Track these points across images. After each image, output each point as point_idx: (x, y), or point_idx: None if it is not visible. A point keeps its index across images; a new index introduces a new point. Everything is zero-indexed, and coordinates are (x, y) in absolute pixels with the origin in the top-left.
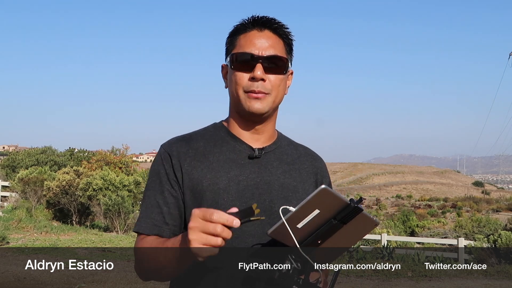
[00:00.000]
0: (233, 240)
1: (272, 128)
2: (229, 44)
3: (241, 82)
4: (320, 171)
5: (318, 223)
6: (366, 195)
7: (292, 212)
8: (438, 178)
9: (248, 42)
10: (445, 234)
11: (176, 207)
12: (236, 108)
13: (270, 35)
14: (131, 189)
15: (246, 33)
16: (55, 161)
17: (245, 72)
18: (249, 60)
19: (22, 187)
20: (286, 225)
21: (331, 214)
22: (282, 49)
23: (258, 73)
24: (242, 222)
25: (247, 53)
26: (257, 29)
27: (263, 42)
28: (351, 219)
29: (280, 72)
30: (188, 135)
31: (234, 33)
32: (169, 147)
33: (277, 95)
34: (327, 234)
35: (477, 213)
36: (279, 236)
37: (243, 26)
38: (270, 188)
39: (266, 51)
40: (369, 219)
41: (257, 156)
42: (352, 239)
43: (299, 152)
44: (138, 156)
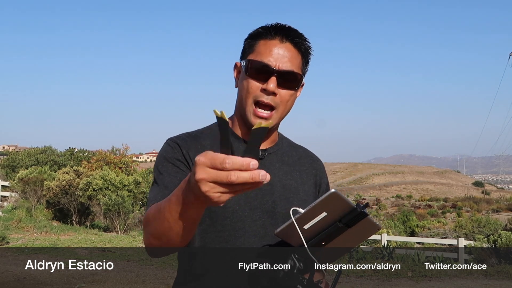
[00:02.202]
0: (237, 238)
1: (275, 132)
2: (248, 47)
3: (252, 91)
4: (319, 172)
5: (324, 225)
6: (366, 195)
7: (301, 213)
8: (438, 178)
9: (268, 51)
10: (445, 234)
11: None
12: (242, 115)
13: (290, 48)
14: (131, 189)
15: (267, 40)
16: (55, 161)
17: (258, 82)
18: (265, 71)
19: (22, 187)
20: (296, 225)
21: (337, 217)
22: (299, 64)
23: (271, 85)
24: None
25: (264, 63)
26: (279, 39)
27: (282, 54)
28: (356, 223)
29: (293, 88)
30: (194, 132)
31: (255, 36)
32: (177, 140)
33: (284, 110)
34: (332, 236)
35: (477, 213)
36: (286, 235)
37: (266, 31)
38: (272, 189)
39: (283, 65)
40: (372, 224)
41: (261, 158)
42: (354, 241)
43: (299, 153)
44: (138, 156)
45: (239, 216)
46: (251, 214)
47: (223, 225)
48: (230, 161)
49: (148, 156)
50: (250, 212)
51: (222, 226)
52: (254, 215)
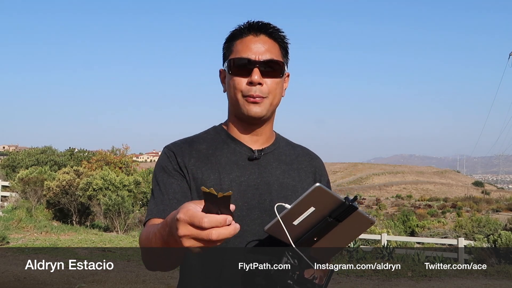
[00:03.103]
0: (234, 238)
1: (270, 130)
2: (226, 50)
3: (239, 87)
4: (318, 170)
5: (314, 220)
6: (366, 195)
7: (287, 210)
8: (438, 178)
9: (245, 47)
10: (445, 234)
11: (183, 194)
12: (235, 112)
13: (265, 39)
14: (131, 189)
15: (242, 38)
16: (55, 161)
17: (243, 77)
18: (246, 64)
19: (22, 187)
20: (281, 222)
21: (327, 212)
22: (278, 53)
23: (256, 77)
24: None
25: (244, 58)
26: (253, 34)
27: (259, 46)
28: (346, 217)
29: (277, 75)
30: (190, 138)
31: (230, 38)
32: (173, 147)
33: (274, 98)
34: (323, 231)
35: (477, 213)
36: (276, 233)
37: (239, 31)
38: (270, 188)
39: (263, 56)
40: (364, 218)
41: (257, 158)
42: (348, 237)
43: (297, 152)
44: (138, 156)
45: (237, 217)
46: (249, 213)
47: None
48: (208, 220)
49: (148, 156)
50: (248, 212)
51: None
52: (253, 214)
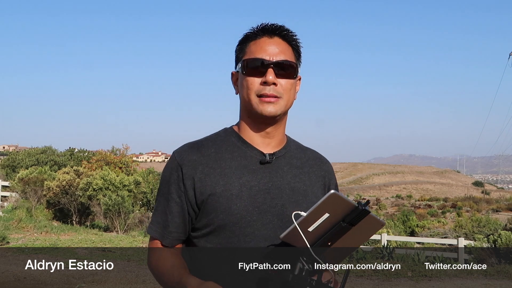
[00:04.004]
0: (247, 243)
1: (282, 133)
2: (240, 52)
3: (253, 87)
4: (328, 174)
5: (328, 226)
6: (366, 195)
7: (304, 217)
8: (438, 178)
9: (259, 49)
10: (445, 234)
11: (181, 216)
12: (249, 113)
13: (279, 41)
14: (131, 189)
15: (256, 40)
16: (55, 161)
17: (257, 77)
18: (261, 65)
19: (22, 187)
20: (298, 229)
21: (340, 217)
22: (291, 55)
23: (270, 77)
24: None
25: (259, 59)
26: (267, 36)
27: (273, 48)
28: (359, 221)
29: (291, 76)
30: (199, 141)
31: (244, 40)
32: (180, 156)
33: (289, 99)
34: (337, 236)
35: (477, 213)
36: (291, 239)
37: (253, 33)
38: (281, 192)
39: (277, 57)
40: (376, 220)
41: (268, 162)
42: (360, 239)
43: (308, 155)
44: (138, 156)
45: (248, 221)
46: (260, 218)
47: (231, 231)
48: None
49: (148, 156)
50: (259, 216)
51: (231, 232)
52: (264, 219)
